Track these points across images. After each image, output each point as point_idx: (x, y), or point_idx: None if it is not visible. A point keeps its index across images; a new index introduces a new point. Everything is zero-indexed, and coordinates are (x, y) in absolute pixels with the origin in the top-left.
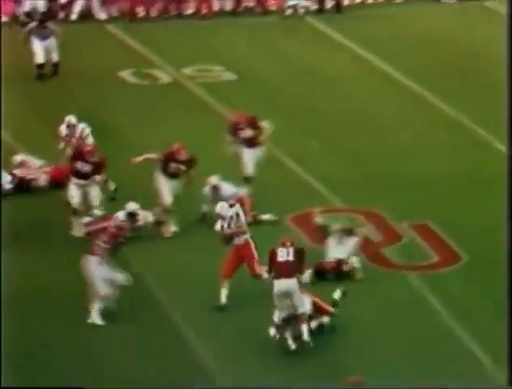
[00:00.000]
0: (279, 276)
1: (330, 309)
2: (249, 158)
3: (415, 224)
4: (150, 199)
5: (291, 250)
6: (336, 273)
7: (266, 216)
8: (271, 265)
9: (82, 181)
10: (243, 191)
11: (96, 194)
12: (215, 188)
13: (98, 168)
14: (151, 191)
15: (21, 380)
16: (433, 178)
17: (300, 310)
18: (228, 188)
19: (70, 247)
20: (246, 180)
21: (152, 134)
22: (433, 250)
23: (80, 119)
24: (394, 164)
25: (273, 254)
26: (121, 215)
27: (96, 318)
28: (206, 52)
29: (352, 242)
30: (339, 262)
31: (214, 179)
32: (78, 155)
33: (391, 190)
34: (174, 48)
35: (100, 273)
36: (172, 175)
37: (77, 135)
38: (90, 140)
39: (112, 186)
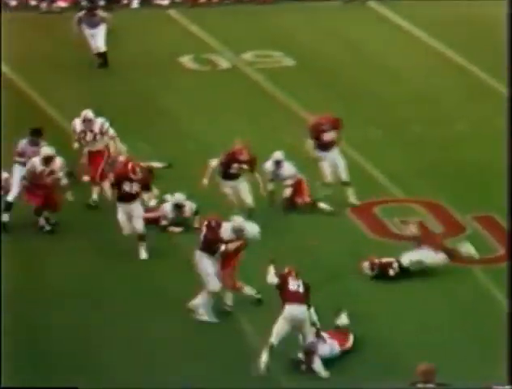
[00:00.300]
0: (292, 301)
1: (350, 338)
2: (337, 163)
3: (479, 216)
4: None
5: (301, 283)
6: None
7: (323, 205)
8: (281, 291)
9: (129, 204)
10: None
11: (139, 212)
12: (278, 163)
13: (146, 183)
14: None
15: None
16: (498, 168)
17: (310, 339)
18: (289, 167)
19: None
20: (345, 184)
21: (211, 121)
22: (498, 242)
23: (140, 107)
24: (458, 152)
25: (284, 281)
26: (167, 206)
27: (204, 314)
28: (266, 37)
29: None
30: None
31: (278, 154)
32: (122, 175)
33: (455, 179)
34: (234, 33)
35: (211, 267)
36: (234, 176)
37: (96, 130)
38: (111, 132)
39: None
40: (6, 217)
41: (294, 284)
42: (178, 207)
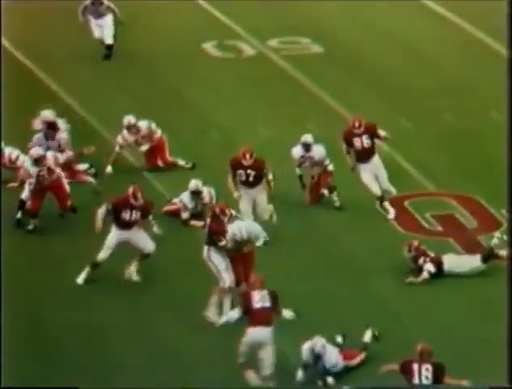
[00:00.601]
0: (255, 324)
1: (360, 357)
2: (378, 173)
3: None
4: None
5: (266, 295)
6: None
7: (335, 197)
8: (246, 311)
9: (126, 231)
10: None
11: (146, 240)
12: (307, 147)
13: (147, 211)
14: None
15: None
16: None
17: (270, 370)
18: (318, 150)
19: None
20: (381, 198)
21: (236, 111)
22: None
23: (162, 96)
24: (493, 143)
25: (247, 298)
26: (185, 195)
27: (215, 315)
28: (293, 23)
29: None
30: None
31: (307, 137)
32: (121, 201)
33: (489, 172)
34: (259, 19)
35: (222, 261)
36: (248, 183)
37: (145, 133)
38: (159, 133)
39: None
40: (19, 214)
41: (259, 300)
42: (196, 193)
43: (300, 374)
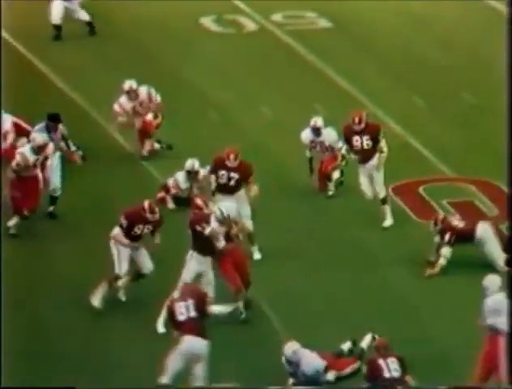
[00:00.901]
0: (188, 332)
1: (352, 366)
2: (374, 175)
3: None
4: None
5: (190, 304)
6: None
7: (331, 186)
8: (172, 324)
9: (135, 244)
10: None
11: (146, 259)
12: (317, 131)
13: (160, 225)
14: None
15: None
16: None
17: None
18: (329, 133)
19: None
20: (383, 201)
21: (236, 90)
22: None
23: (157, 75)
24: None
25: (171, 312)
26: (180, 175)
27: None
28: None
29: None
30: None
31: (317, 120)
32: (137, 217)
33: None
34: None
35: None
36: (227, 189)
37: (144, 99)
38: (159, 99)
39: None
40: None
41: (183, 311)
42: (191, 173)
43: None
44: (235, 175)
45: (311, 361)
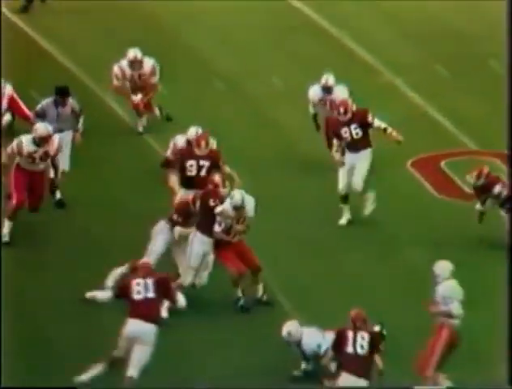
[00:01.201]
0: (135, 316)
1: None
2: (357, 166)
3: None
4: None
5: (150, 283)
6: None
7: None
8: (122, 298)
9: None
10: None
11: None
12: (328, 90)
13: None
14: None
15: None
16: None
17: (135, 373)
18: (341, 91)
19: None
20: (343, 198)
21: (242, 57)
22: None
23: (157, 41)
24: None
25: (126, 288)
26: (179, 139)
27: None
28: None
29: None
30: None
31: (329, 79)
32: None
33: None
34: None
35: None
36: (194, 182)
37: (147, 71)
38: (156, 78)
39: None
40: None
41: (140, 289)
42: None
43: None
44: (205, 163)
45: (311, 336)
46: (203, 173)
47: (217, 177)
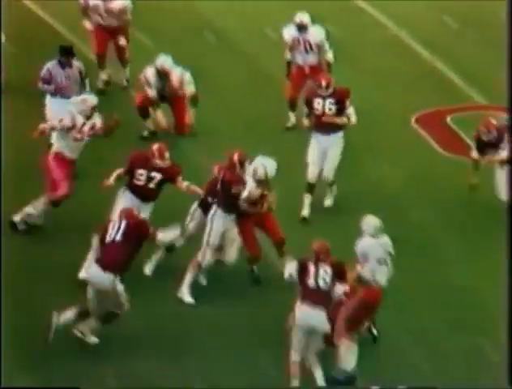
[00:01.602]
0: (97, 261)
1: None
2: (328, 153)
3: None
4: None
5: (123, 225)
6: None
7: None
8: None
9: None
10: None
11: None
12: (303, 28)
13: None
14: None
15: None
16: None
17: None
18: (316, 31)
19: None
20: (309, 188)
21: (236, 7)
22: None
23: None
24: None
25: (104, 229)
26: (149, 71)
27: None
28: None
29: None
30: None
31: (304, 17)
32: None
33: None
34: None
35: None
36: (144, 194)
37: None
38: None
39: None
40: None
41: (113, 231)
42: (161, 73)
43: None
44: (157, 175)
45: None
46: (152, 185)
47: (236, 156)
